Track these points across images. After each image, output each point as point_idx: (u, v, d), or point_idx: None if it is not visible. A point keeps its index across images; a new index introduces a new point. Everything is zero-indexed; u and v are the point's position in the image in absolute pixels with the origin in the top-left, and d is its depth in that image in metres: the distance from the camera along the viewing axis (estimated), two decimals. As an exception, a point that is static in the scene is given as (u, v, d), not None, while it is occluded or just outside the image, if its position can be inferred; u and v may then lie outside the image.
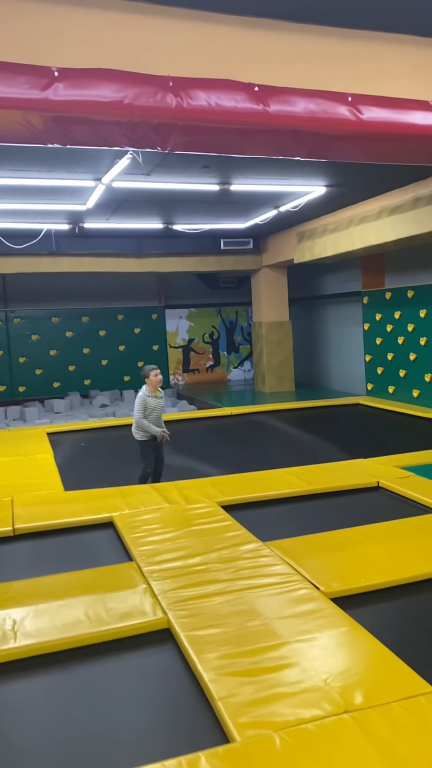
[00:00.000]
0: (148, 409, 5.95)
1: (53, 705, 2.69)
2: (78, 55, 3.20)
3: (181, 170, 6.80)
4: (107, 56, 3.24)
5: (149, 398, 5.97)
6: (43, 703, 2.70)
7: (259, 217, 9.91)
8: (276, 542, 4.27)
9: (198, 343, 14.71)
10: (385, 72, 3.76)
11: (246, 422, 9.64)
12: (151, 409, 5.97)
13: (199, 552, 4.11)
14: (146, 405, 5.95)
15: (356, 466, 6.31)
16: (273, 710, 2.45)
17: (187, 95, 3.21)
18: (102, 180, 7.00)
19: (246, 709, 2.47)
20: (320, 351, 13.49)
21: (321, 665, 2.75)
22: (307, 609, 3.28)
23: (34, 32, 3.14)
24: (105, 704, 2.67)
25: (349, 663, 2.78)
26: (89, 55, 3.21)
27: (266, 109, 3.32)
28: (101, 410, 11.19)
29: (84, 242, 11.04)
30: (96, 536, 4.72)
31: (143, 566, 3.92)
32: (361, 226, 8.77)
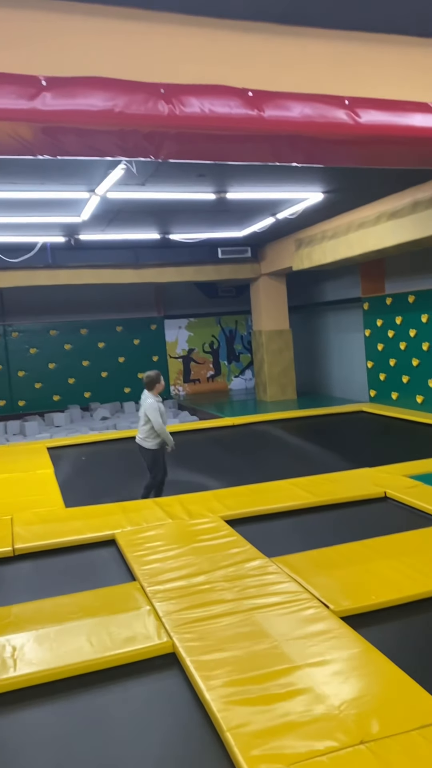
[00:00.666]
0: (162, 416, 5.90)
1: (55, 739, 2.56)
2: (66, 63, 3.12)
3: (176, 179, 6.73)
4: (96, 64, 3.16)
5: (161, 404, 5.93)
6: (44, 737, 2.58)
7: (256, 225, 9.84)
8: (282, 558, 4.15)
9: (198, 353, 14.62)
10: (383, 74, 3.67)
11: (248, 432, 9.52)
12: (163, 416, 5.93)
13: (204, 570, 3.99)
14: (161, 412, 5.88)
15: (362, 476, 6.18)
16: (285, 742, 2.32)
17: (179, 102, 3.12)
18: (96, 191, 6.93)
19: (257, 741, 2.34)
20: (321, 358, 13.39)
21: (334, 691, 2.62)
22: (317, 629, 3.15)
23: (20, 40, 3.06)
24: (108, 737, 2.55)
25: (363, 688, 2.66)
26: (78, 63, 3.13)
27: (261, 114, 3.24)
28: (102, 423, 11.08)
29: (80, 254, 10.98)
30: (98, 555, 4.60)
31: (146, 586, 3.79)
32: (359, 231, 8.70)
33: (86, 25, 3.18)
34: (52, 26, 3.13)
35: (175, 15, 3.29)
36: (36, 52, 3.10)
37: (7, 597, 3.88)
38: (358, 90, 3.55)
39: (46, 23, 3.12)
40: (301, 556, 4.18)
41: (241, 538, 4.57)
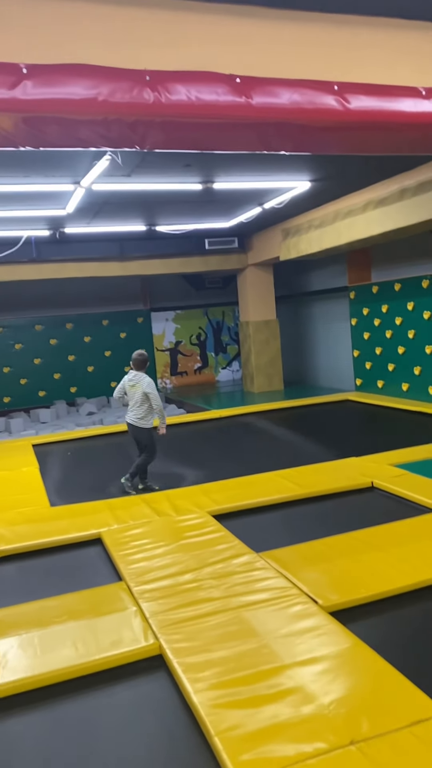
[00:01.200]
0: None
1: (40, 748, 2.51)
2: (48, 50, 3.01)
3: (162, 170, 6.61)
4: (80, 50, 3.05)
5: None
6: (28, 747, 2.52)
7: (243, 216, 9.75)
8: (270, 552, 4.11)
9: (185, 345, 14.53)
10: (372, 58, 3.59)
11: (235, 424, 9.48)
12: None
13: (191, 568, 3.94)
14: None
15: (349, 466, 6.17)
16: (274, 745, 2.29)
17: (165, 89, 3.03)
18: (81, 183, 6.79)
19: (246, 745, 2.30)
20: (308, 348, 13.36)
21: (323, 690, 2.59)
22: (306, 626, 3.12)
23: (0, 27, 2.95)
24: (94, 745, 2.49)
25: (352, 686, 2.63)
26: (60, 50, 3.02)
27: (249, 101, 3.15)
28: (88, 418, 10.97)
29: (65, 248, 10.82)
30: (84, 555, 4.53)
31: (133, 586, 3.74)
32: (347, 220, 8.64)
33: (69, 11, 3.07)
34: (33, 12, 3.02)
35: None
36: (16, 39, 2.98)
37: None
38: (347, 75, 3.47)
39: (26, 8, 3.01)
40: (289, 550, 4.15)
41: (229, 533, 4.53)
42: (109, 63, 3.05)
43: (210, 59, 3.24)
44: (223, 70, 3.22)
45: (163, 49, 3.20)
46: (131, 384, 6.08)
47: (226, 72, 3.22)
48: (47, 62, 2.96)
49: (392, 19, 3.79)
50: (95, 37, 3.11)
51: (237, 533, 4.54)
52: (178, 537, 4.49)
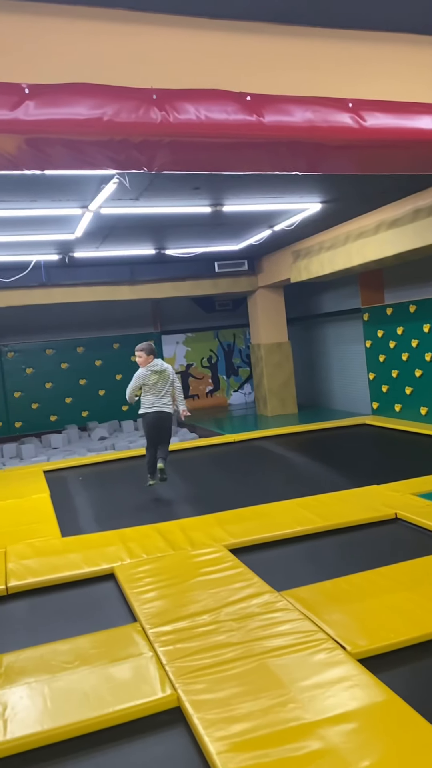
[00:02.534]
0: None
1: None
2: (51, 69, 2.91)
3: (171, 193, 6.53)
4: (84, 69, 2.95)
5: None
6: None
7: (253, 238, 9.65)
8: (292, 591, 3.88)
9: (196, 368, 14.39)
10: (387, 74, 3.47)
11: (249, 449, 9.27)
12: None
13: (209, 608, 3.72)
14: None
15: (370, 495, 5.93)
16: None
17: (173, 108, 2.91)
18: (89, 207, 6.73)
19: None
20: (322, 371, 13.16)
21: (356, 754, 2.35)
22: (335, 676, 2.89)
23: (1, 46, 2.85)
24: None
25: (389, 749, 2.39)
26: (64, 69, 2.92)
27: (261, 119, 3.02)
28: (100, 443, 10.81)
29: (75, 272, 10.78)
30: (96, 592, 4.32)
31: (148, 628, 3.52)
32: (358, 241, 8.50)
33: (72, 29, 2.97)
34: (35, 30, 2.93)
35: (167, 16, 3.09)
36: (18, 58, 2.89)
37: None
38: (361, 92, 3.35)
39: (28, 27, 2.92)
40: (312, 589, 3.92)
41: (247, 569, 4.30)
42: (115, 82, 2.94)
43: (218, 77, 3.13)
44: (232, 88, 3.10)
45: (170, 68, 3.09)
46: (158, 372, 6.06)
47: (236, 90, 3.10)
48: (50, 81, 2.86)
49: (406, 34, 3.69)
50: (100, 55, 3.01)
51: (256, 569, 4.32)
52: (194, 573, 4.28)
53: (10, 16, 2.87)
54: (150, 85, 3.00)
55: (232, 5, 3.11)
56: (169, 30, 3.09)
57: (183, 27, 3.11)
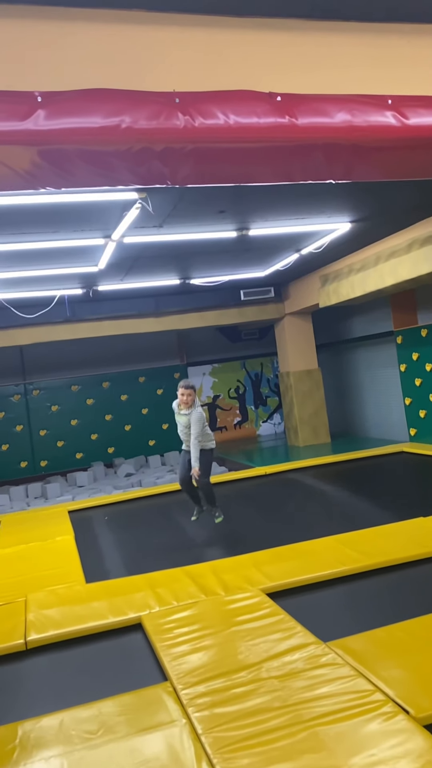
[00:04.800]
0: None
1: None
2: (66, 75, 2.71)
3: (195, 218, 6.33)
4: (100, 75, 2.74)
5: (176, 411, 6.11)
6: None
7: (279, 263, 9.41)
8: (341, 642, 3.47)
9: (224, 400, 14.09)
10: (425, 69, 3.20)
11: (282, 482, 8.85)
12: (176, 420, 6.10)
13: (248, 663, 3.32)
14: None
15: (417, 528, 5.48)
16: None
17: (197, 112, 2.67)
18: (112, 237, 6.56)
19: None
20: (354, 397, 12.73)
21: None
22: (399, 749, 2.47)
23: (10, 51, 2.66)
24: None
25: None
26: (79, 75, 2.72)
27: (293, 121, 2.76)
28: (126, 480, 10.50)
29: (100, 306, 10.66)
30: (123, 644, 3.95)
31: (180, 689, 3.14)
32: (390, 261, 8.19)
33: (87, 32, 2.78)
34: (48, 35, 2.74)
35: (187, 16, 2.88)
36: (31, 65, 2.69)
37: (16, 707, 3.26)
38: (400, 88, 3.08)
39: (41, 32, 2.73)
40: (362, 639, 3.50)
41: (288, 615, 3.90)
42: (134, 87, 2.72)
43: (245, 78, 2.89)
44: (260, 89, 2.86)
45: (193, 70, 2.87)
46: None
47: (264, 90, 2.85)
48: (65, 88, 2.65)
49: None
50: (117, 59, 2.81)
51: (297, 615, 3.91)
52: (229, 622, 3.88)
53: (21, 21, 2.69)
54: (172, 88, 2.78)
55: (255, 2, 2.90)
56: (191, 30, 2.88)
57: (205, 26, 2.90)
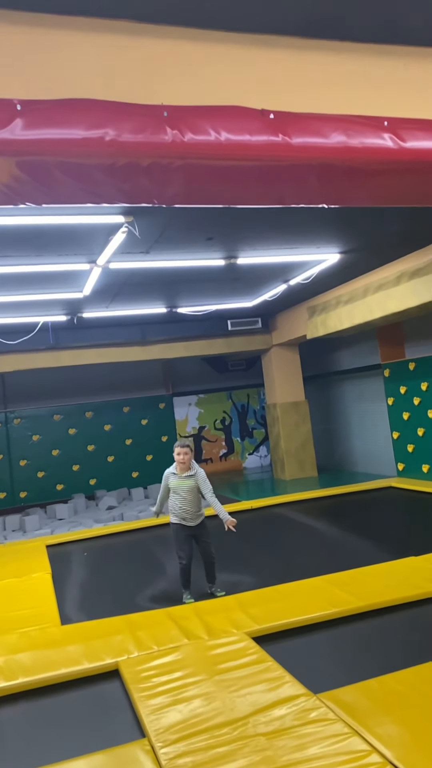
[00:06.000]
0: (171, 488, 5.24)
1: None
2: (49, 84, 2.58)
3: (183, 245, 6.22)
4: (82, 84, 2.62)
5: (171, 475, 5.26)
6: None
7: (267, 294, 9.33)
8: (332, 693, 3.23)
9: (209, 431, 13.87)
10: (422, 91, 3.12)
11: (269, 517, 8.60)
12: (173, 490, 5.22)
13: (233, 718, 3.06)
14: (168, 482, 5.26)
15: (408, 568, 5.26)
16: None
17: (186, 127, 2.53)
18: (97, 262, 6.42)
19: None
20: (342, 431, 12.57)
21: None
22: None
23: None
24: None
25: None
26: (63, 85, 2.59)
27: (288, 140, 2.64)
28: (108, 513, 10.16)
29: (84, 333, 10.47)
30: (98, 694, 3.66)
31: (159, 747, 2.87)
32: (379, 294, 8.13)
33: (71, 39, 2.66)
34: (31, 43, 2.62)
35: (178, 28, 2.78)
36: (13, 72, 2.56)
37: (-25, 767, 2.96)
38: (396, 110, 3.00)
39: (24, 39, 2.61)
40: (356, 690, 3.26)
41: (275, 663, 3.65)
42: (118, 98, 2.59)
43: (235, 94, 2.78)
44: (252, 105, 2.75)
45: (182, 83, 2.75)
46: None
47: (256, 107, 2.74)
48: (44, 97, 2.51)
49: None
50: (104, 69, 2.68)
51: (285, 662, 3.66)
52: (212, 670, 3.62)
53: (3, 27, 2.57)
54: (160, 101, 2.66)
55: (250, 18, 2.81)
56: (181, 43, 2.78)
57: (196, 40, 2.80)
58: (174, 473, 5.22)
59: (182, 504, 5.17)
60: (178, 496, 5.17)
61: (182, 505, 5.18)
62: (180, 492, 5.17)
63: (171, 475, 5.23)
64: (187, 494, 5.17)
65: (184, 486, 5.18)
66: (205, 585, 5.35)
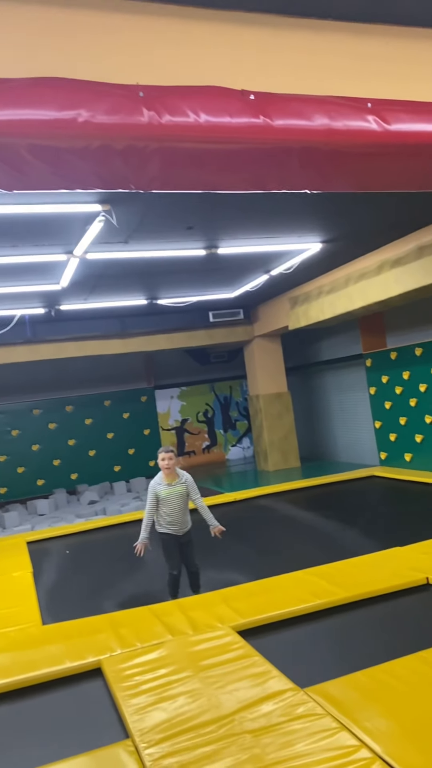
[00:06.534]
0: (159, 500, 4.98)
1: None
2: (14, 61, 2.45)
3: (163, 234, 6.10)
4: (53, 61, 2.49)
5: (159, 486, 5.00)
6: None
7: (249, 284, 9.24)
8: (320, 687, 3.18)
9: (192, 423, 13.79)
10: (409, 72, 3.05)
11: (253, 509, 8.56)
12: (163, 501, 4.97)
13: (219, 715, 3.00)
14: (157, 495, 4.99)
15: (393, 558, 5.24)
16: None
17: (163, 108, 2.43)
18: (74, 252, 6.27)
19: None
20: (324, 421, 12.58)
21: None
22: None
23: None
24: None
25: None
26: (32, 62, 2.46)
27: (269, 122, 2.55)
28: (90, 507, 10.05)
29: (62, 326, 10.30)
30: (80, 693, 3.58)
31: (143, 748, 2.79)
32: (360, 283, 8.09)
33: (41, 16, 2.53)
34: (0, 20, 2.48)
35: (156, 5, 2.66)
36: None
37: None
38: (380, 91, 2.92)
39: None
40: (342, 683, 3.21)
41: (261, 657, 3.59)
42: (93, 77, 2.48)
43: (214, 73, 2.68)
44: (231, 86, 2.65)
45: (158, 62, 2.64)
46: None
47: (236, 88, 2.64)
48: (13, 76, 2.39)
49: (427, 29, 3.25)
50: (74, 46, 2.56)
51: (271, 656, 3.61)
52: (197, 666, 3.55)
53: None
54: (136, 81, 2.55)
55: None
56: (158, 20, 2.66)
57: (173, 17, 2.68)
58: (161, 483, 5.01)
59: (172, 513, 4.99)
60: (168, 505, 4.98)
61: (172, 514, 5.00)
62: (170, 501, 4.99)
63: (159, 486, 5.00)
64: (177, 501, 5.00)
65: (174, 494, 5.00)
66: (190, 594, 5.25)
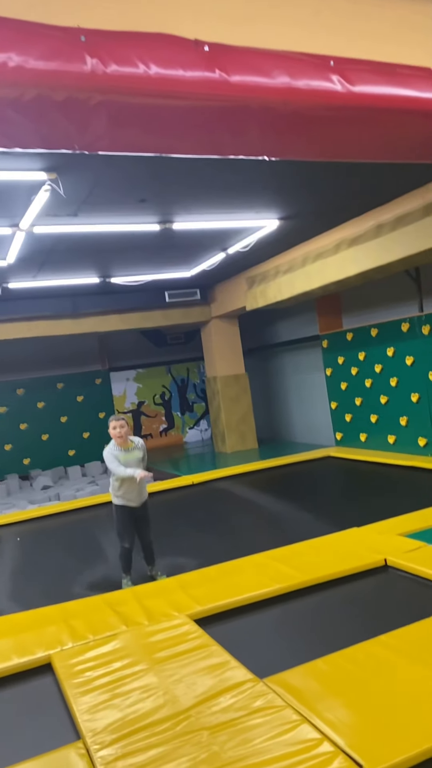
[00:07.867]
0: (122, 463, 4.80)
1: None
2: None
3: (114, 206, 5.81)
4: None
5: (118, 453, 4.83)
6: None
7: (205, 263, 9.01)
8: (279, 677, 3.07)
9: (149, 406, 13.55)
10: (372, 31, 2.86)
11: (211, 492, 8.45)
12: (124, 465, 4.79)
13: (176, 711, 2.85)
14: (118, 460, 4.80)
15: (352, 539, 5.20)
16: None
17: (109, 56, 2.19)
18: (20, 225, 5.92)
19: None
20: (281, 402, 12.53)
21: None
22: None
23: None
24: None
25: None
26: None
27: (225, 77, 2.34)
28: (43, 493, 9.75)
29: (10, 305, 9.86)
30: (28, 692, 3.38)
31: (95, 750, 2.63)
32: (318, 262, 7.97)
33: None
34: None
35: None
36: None
37: None
38: (343, 48, 2.73)
39: None
40: (303, 672, 3.12)
41: (219, 647, 3.47)
42: (26, 16, 2.21)
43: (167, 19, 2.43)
44: (185, 35, 2.42)
45: (104, 2, 2.37)
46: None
47: (190, 37, 2.41)
48: None
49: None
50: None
51: (229, 645, 3.49)
52: (153, 659, 3.40)
53: None
54: (76, 23, 2.29)
55: None
56: None
57: None
58: (117, 451, 4.82)
59: (129, 482, 4.84)
60: (126, 469, 4.74)
61: (129, 483, 4.85)
62: (132, 464, 4.82)
63: (117, 452, 4.81)
64: (135, 467, 4.81)
65: (132, 459, 4.85)
66: (145, 568, 5.11)
